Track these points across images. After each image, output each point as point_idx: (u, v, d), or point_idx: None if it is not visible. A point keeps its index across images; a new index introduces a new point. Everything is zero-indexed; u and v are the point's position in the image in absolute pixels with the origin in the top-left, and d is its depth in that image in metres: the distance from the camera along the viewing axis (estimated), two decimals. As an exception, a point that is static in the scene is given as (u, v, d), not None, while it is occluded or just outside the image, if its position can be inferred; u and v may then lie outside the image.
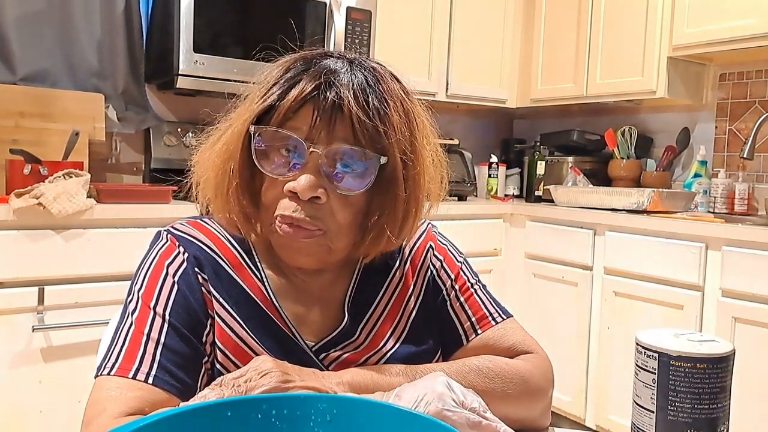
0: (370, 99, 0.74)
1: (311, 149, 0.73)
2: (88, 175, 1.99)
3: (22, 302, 1.83)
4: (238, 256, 0.83)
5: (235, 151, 0.76)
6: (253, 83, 0.79)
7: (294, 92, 0.74)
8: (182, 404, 0.61)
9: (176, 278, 0.78)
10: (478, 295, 0.90)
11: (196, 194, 0.82)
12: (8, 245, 1.81)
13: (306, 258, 0.79)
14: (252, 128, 0.75)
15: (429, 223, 0.95)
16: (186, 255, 0.80)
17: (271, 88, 0.76)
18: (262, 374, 0.67)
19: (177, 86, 2.32)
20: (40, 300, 1.85)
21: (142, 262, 0.82)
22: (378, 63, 0.80)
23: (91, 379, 0.75)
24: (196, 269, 0.80)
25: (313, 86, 0.73)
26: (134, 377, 0.72)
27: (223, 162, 0.77)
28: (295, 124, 0.74)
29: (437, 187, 0.82)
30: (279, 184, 0.75)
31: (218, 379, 0.66)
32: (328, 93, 0.73)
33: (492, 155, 3.36)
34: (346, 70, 0.75)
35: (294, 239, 0.75)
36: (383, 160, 0.74)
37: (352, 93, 0.73)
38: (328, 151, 0.73)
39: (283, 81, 0.76)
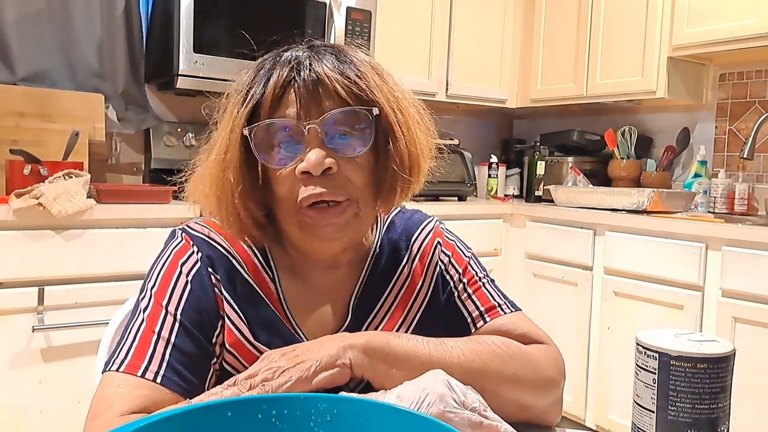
0: (342, 66, 0.77)
1: (307, 126, 0.75)
2: (88, 176, 1.99)
3: (22, 302, 1.83)
4: (252, 256, 0.83)
5: (232, 158, 0.77)
6: (232, 89, 0.81)
7: (272, 82, 0.76)
8: (181, 403, 0.61)
9: (189, 278, 0.79)
10: (487, 289, 0.91)
11: (201, 212, 0.83)
12: (8, 245, 1.80)
13: (338, 242, 0.80)
14: (245, 131, 0.76)
15: (437, 220, 0.96)
16: (200, 255, 0.81)
17: (250, 89, 0.78)
18: (278, 372, 0.66)
19: (177, 86, 2.32)
20: (40, 300, 1.85)
21: (156, 259, 0.82)
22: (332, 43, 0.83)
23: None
24: (210, 269, 0.80)
25: (287, 70, 0.76)
26: (143, 376, 0.72)
27: (221, 171, 0.77)
28: (284, 110, 0.76)
29: (425, 131, 0.83)
30: (290, 174, 0.76)
31: (231, 379, 0.66)
32: (303, 72, 0.76)
33: (492, 155, 3.36)
34: (309, 53, 0.78)
35: (326, 221, 0.76)
36: (376, 111, 0.76)
37: (325, 66, 0.76)
38: (323, 122, 0.75)
39: (258, 79, 0.78)
